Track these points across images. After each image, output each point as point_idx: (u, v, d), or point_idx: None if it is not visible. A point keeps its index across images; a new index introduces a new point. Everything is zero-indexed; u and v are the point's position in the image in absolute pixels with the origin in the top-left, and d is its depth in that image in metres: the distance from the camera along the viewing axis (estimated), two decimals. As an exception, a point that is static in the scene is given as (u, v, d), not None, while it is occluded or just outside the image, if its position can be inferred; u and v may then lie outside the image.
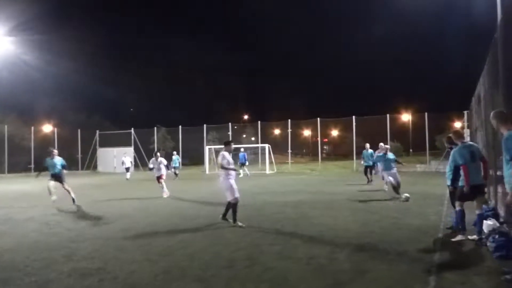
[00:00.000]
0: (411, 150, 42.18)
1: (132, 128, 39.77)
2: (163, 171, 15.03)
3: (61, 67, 51.10)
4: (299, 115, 43.67)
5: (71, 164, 23.88)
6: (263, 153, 33.95)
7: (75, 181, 23.54)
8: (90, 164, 39.95)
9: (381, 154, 13.39)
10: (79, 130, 40.43)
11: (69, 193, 12.48)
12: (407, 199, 11.47)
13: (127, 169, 27.50)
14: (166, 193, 14.59)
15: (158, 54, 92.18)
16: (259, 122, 37.18)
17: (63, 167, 12.99)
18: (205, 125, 37.91)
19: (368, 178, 17.90)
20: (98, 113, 51.79)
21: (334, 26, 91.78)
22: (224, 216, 8.77)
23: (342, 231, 7.69)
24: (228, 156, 8.89)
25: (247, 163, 28.46)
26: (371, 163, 17.72)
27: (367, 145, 18.40)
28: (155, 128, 41.24)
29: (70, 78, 54.92)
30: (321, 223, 8.60)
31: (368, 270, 5.15)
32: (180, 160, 28.79)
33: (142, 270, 5.35)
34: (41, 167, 13.15)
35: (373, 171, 17.96)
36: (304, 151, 61.26)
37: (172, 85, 69.53)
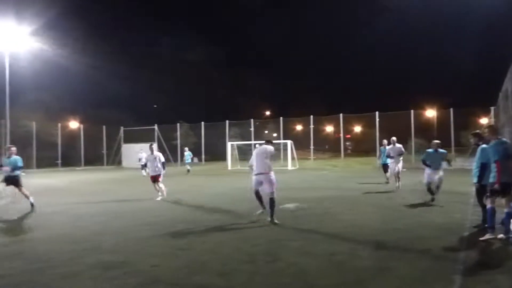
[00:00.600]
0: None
1: (156, 124, 40.26)
2: (161, 170, 12.52)
3: (86, 65, 51.92)
4: (321, 111, 43.18)
5: (96, 159, 24.33)
6: (285, 149, 33.89)
7: (101, 176, 24.12)
8: (114, 159, 40.65)
9: (431, 150, 11.80)
10: (104, 127, 41.19)
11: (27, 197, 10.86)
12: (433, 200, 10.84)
13: (143, 166, 25.37)
14: (161, 196, 12.34)
15: (180, 51, 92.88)
16: (281, 118, 37.14)
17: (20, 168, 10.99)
18: (227, 121, 38.08)
19: (386, 177, 17.16)
20: (123, 109, 52.75)
21: (355, 19, 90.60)
22: (272, 216, 8.12)
23: (364, 227, 7.63)
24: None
25: None
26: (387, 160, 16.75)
27: (385, 141, 17.93)
28: (178, 124, 41.64)
29: (95, 76, 55.92)
30: (343, 219, 8.55)
31: (390, 268, 5.09)
32: (192, 155, 28.76)
33: (164, 263, 5.43)
34: None
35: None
36: (326, 147, 60.89)
37: (195, 81, 70.02)
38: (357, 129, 52.82)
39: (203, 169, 27.75)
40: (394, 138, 13.65)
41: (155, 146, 13.15)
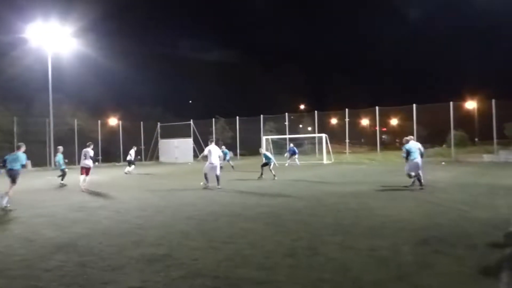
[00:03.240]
0: (476, 139, 40.16)
1: (192, 120, 40.80)
2: (90, 163, 14.74)
3: (124, 64, 53.34)
4: (356, 104, 42.58)
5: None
6: (320, 143, 33.65)
7: (140, 171, 24.66)
8: (152, 155, 41.51)
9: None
10: (141, 123, 42.11)
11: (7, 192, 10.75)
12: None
13: (130, 163, 24.09)
14: (84, 187, 14.24)
15: (216, 47, 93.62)
16: (315, 111, 36.85)
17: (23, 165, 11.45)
18: (262, 116, 38.13)
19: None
20: (160, 105, 53.80)
21: (390, 9, 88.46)
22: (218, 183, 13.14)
23: (405, 222, 7.50)
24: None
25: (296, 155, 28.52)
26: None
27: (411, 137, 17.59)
28: (214, 119, 42.06)
29: (132, 74, 57.33)
30: (383, 214, 8.43)
31: (434, 264, 5.00)
32: (225, 151, 28.16)
33: (206, 257, 5.52)
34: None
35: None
36: (362, 140, 60.01)
37: (230, 76, 70.28)
38: (394, 122, 51.77)
39: (238, 163, 27.91)
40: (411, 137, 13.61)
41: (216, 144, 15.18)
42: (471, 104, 36.46)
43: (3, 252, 5.98)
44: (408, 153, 12.53)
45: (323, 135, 32.36)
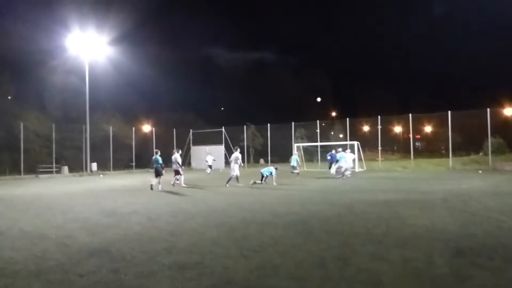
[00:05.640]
0: (515, 147, 38.81)
1: (223, 127, 41.16)
2: (178, 167, 17.95)
3: (158, 72, 54.48)
4: (389, 111, 41.98)
5: (168, 161, 25.35)
6: (352, 150, 33.26)
7: (173, 177, 25.00)
8: (184, 161, 42.06)
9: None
10: (174, 129, 42.81)
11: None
12: None
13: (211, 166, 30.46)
14: (181, 184, 17.67)
15: (248, 55, 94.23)
16: (347, 118, 36.48)
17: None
18: (293, 122, 38.06)
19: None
20: (192, 112, 54.53)
21: (424, 15, 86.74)
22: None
23: (439, 232, 7.31)
24: None
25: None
26: None
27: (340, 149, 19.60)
28: (245, 126, 42.28)
29: (166, 81, 58.36)
30: (416, 223, 8.24)
31: (470, 277, 4.85)
32: (298, 159, 25.74)
33: (237, 265, 5.54)
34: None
35: None
36: (395, 147, 58.99)
37: (261, 84, 70.65)
38: (428, 129, 50.69)
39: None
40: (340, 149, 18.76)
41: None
42: (509, 111, 35.24)
43: (41, 257, 6.18)
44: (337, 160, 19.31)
45: (355, 143, 31.99)
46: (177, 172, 18.25)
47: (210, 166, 30.40)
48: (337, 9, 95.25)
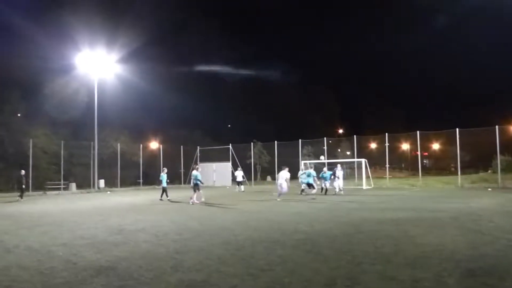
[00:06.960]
0: (525, 165, 38.42)
1: (230, 144, 41.24)
2: (198, 183, 18.62)
3: (165, 89, 54.84)
4: (396, 128, 41.83)
5: (175, 178, 25.43)
6: (359, 168, 33.13)
7: (179, 194, 24.96)
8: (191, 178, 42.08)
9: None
10: (181, 147, 42.96)
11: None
12: None
13: (239, 183, 29.25)
14: (200, 201, 17.96)
15: (252, 70, 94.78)
16: (354, 136, 36.40)
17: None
18: (300, 140, 38.06)
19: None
20: (199, 129, 54.69)
21: (432, 31, 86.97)
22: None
23: (449, 252, 7.20)
24: None
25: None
26: None
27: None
28: (252, 143, 42.34)
29: (173, 99, 58.71)
30: (425, 243, 8.13)
31: (482, 297, 4.77)
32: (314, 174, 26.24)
33: (244, 284, 5.48)
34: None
35: None
36: (403, 165, 58.67)
37: (268, 101, 70.80)
38: (436, 146, 50.44)
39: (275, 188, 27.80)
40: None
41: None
42: (518, 128, 34.97)
43: (47, 274, 6.17)
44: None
45: (362, 160, 31.85)
46: (196, 188, 18.68)
47: (240, 183, 29.09)
48: (344, 26, 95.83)
